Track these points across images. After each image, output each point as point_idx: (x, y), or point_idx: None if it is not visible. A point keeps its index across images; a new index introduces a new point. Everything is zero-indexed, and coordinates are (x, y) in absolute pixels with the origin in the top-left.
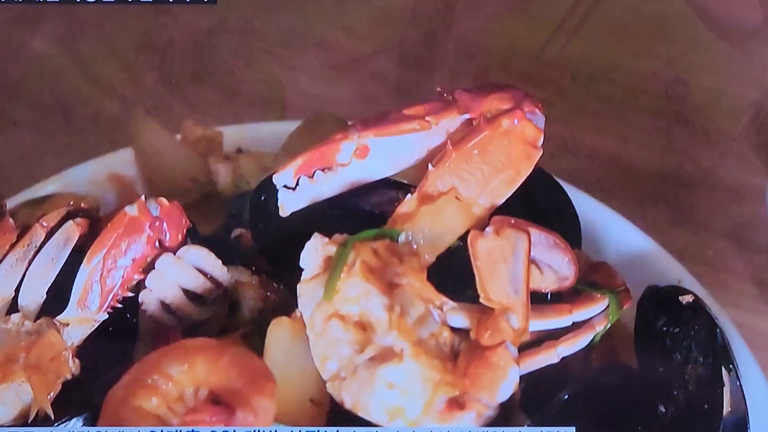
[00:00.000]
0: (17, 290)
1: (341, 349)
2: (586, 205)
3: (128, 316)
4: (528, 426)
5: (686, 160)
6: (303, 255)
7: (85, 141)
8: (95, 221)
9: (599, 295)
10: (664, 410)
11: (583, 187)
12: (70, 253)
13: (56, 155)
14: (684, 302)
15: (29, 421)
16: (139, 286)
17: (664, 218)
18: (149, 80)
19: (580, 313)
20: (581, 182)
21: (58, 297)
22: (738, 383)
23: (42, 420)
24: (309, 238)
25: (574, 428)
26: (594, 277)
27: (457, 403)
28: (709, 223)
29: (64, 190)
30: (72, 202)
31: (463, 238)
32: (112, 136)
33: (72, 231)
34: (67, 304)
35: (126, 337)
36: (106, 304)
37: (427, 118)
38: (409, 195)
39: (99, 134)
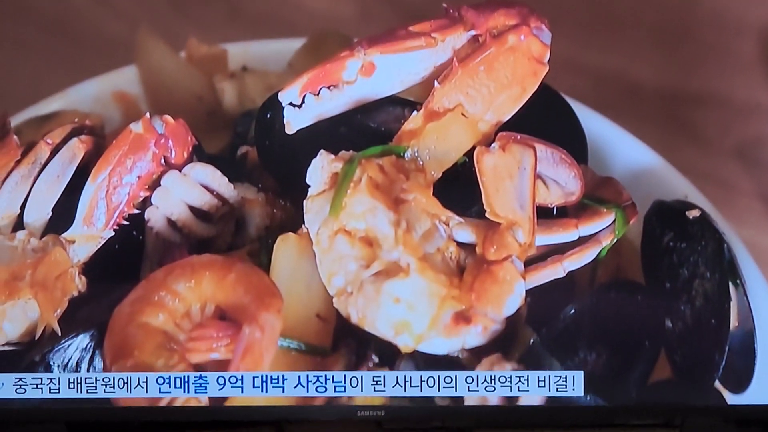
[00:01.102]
0: (22, 208)
1: (347, 264)
2: (592, 121)
3: (134, 233)
4: (534, 341)
5: (693, 77)
6: (309, 172)
7: (89, 59)
8: (100, 139)
9: (605, 210)
10: (671, 325)
11: (588, 103)
12: (75, 172)
13: (60, 73)
14: (691, 217)
15: (36, 338)
16: (145, 203)
17: (670, 136)
18: None
19: (587, 228)
20: (587, 99)
21: (63, 215)
22: (745, 298)
23: (49, 337)
24: (315, 156)
25: (582, 372)
26: (600, 192)
27: (463, 317)
28: (716, 141)
29: (69, 107)
30: (77, 120)
31: (469, 154)
32: (116, 54)
33: (77, 148)
34: (72, 222)
35: (132, 254)
36: (112, 221)
37: (433, 35)
38: (415, 112)
39: (103, 52)
